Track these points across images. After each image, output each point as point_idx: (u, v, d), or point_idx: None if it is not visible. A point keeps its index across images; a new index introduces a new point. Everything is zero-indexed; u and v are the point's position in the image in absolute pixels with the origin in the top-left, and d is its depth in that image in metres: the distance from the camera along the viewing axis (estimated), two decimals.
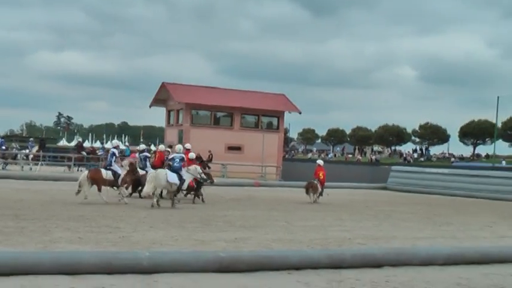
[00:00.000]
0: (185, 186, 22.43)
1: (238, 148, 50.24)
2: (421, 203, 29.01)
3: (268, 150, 49.61)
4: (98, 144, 74.52)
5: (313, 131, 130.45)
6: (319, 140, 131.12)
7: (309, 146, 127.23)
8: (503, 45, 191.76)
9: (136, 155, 26.96)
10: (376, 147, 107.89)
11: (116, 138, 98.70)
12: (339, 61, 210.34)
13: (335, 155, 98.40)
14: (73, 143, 74.91)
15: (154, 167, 25.67)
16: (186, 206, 21.84)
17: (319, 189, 26.87)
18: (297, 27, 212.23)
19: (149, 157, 25.79)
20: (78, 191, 21.31)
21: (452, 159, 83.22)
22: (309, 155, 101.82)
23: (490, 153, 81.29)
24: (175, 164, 21.82)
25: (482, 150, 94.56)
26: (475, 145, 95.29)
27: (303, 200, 26.59)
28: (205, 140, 45.18)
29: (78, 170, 44.40)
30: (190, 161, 23.94)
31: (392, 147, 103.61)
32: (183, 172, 21.98)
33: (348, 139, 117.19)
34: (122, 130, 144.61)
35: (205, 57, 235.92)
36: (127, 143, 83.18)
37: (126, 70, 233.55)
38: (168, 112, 54.07)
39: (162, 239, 13.34)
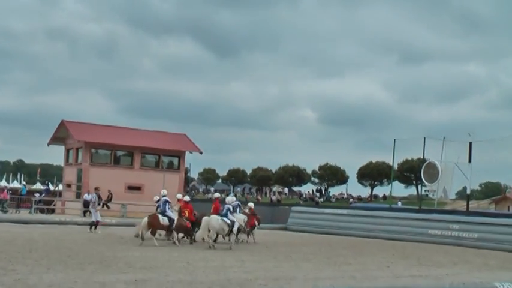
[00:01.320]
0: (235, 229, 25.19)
1: (138, 188, 49.73)
2: (321, 243, 29.34)
3: (169, 190, 49.13)
4: None
5: (214, 170, 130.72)
6: (220, 180, 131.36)
7: (210, 186, 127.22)
8: (399, 90, 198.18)
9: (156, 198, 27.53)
10: (275, 188, 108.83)
11: (11, 176, 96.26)
12: (241, 102, 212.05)
13: (235, 195, 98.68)
14: None
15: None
16: (85, 248, 21.39)
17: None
18: (200, 67, 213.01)
19: (169, 202, 26.83)
20: (138, 235, 24.24)
21: (351, 199, 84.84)
22: (210, 194, 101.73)
23: (387, 194, 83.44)
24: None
25: (380, 191, 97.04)
26: (372, 186, 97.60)
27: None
28: (105, 180, 44.54)
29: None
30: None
31: (292, 187, 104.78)
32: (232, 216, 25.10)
33: (249, 179, 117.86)
34: (18, 168, 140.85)
35: (106, 95, 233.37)
36: (24, 182, 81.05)
37: (23, 107, 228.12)
38: (67, 151, 53.11)
39: (60, 281, 12.98)
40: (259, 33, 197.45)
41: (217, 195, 31.77)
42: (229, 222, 24.86)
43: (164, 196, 26.69)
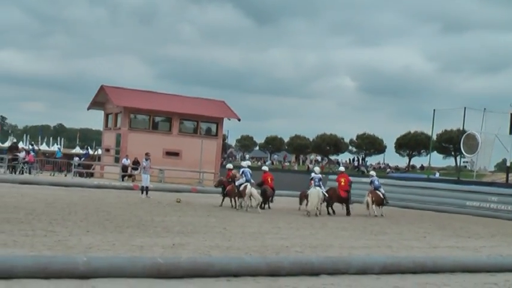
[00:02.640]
0: None
1: (176, 153, 50.01)
2: (357, 212, 29.27)
3: (206, 156, 49.50)
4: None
5: (252, 138, 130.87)
6: (257, 148, 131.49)
7: (247, 153, 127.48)
8: (441, 59, 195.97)
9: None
10: (312, 156, 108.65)
11: (51, 140, 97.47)
12: (279, 70, 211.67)
13: (272, 163, 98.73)
14: (7, 144, 73.40)
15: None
16: (123, 212, 21.66)
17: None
18: (239, 34, 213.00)
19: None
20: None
21: (388, 169, 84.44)
22: (244, 162, 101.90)
23: (425, 164, 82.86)
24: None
25: (417, 161, 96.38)
26: (410, 156, 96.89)
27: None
28: (143, 145, 44.84)
29: (11, 172, 43.70)
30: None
31: (330, 156, 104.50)
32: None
33: (286, 147, 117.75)
34: (58, 132, 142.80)
35: (145, 61, 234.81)
36: (58, 146, 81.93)
37: (64, 71, 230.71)
38: (106, 115, 53.52)
39: (99, 243, 13.18)
40: (298, 0, 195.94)
41: (266, 168, 32.01)
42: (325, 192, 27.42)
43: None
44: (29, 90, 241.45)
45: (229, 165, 30.54)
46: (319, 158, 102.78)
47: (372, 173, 32.66)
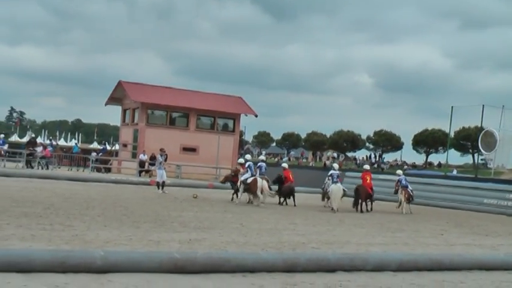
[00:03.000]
0: None
1: (193, 149, 50.14)
2: (374, 209, 29.21)
3: (223, 152, 49.58)
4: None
5: (268, 134, 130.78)
6: (274, 144, 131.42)
7: (264, 149, 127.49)
8: (458, 56, 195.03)
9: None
10: (329, 153, 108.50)
11: (69, 135, 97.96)
12: (296, 66, 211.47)
13: (289, 159, 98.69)
14: (25, 139, 73.80)
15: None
16: (140, 207, 21.74)
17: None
18: (257, 30, 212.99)
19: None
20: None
21: (405, 166, 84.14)
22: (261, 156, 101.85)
23: (442, 161, 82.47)
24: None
25: (435, 158, 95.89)
26: (427, 153, 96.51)
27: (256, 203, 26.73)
28: (160, 140, 44.95)
29: (28, 167, 43.94)
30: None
31: (346, 153, 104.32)
32: None
33: (303, 143, 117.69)
34: (76, 127, 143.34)
35: (163, 57, 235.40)
36: (75, 141, 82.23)
37: (82, 67, 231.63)
38: (124, 111, 53.72)
39: (116, 238, 13.23)
40: None
41: (285, 165, 32.35)
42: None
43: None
44: (47, 86, 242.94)
45: (241, 160, 30.55)
46: (335, 154, 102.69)
47: (399, 172, 32.78)
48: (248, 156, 30.52)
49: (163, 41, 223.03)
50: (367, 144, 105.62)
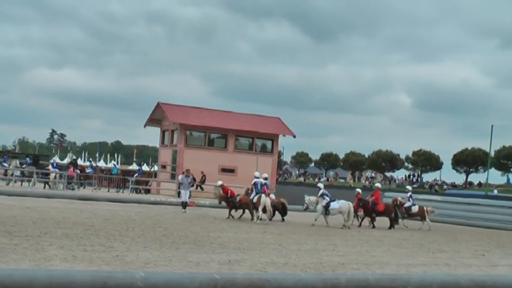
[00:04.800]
0: None
1: (231, 170, 50.20)
2: (413, 230, 29.00)
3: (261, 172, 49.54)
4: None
5: (307, 154, 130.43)
6: (312, 164, 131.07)
7: (302, 170, 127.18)
8: (499, 75, 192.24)
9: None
10: (368, 173, 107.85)
11: (108, 156, 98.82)
12: (335, 86, 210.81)
13: (328, 179, 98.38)
14: (66, 161, 74.59)
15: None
16: (179, 228, 21.83)
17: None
18: (296, 51, 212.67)
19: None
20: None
21: (445, 186, 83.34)
22: (300, 178, 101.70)
23: (483, 181, 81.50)
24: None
25: (475, 178, 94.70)
26: (467, 173, 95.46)
27: (295, 223, 26.66)
28: (198, 161, 45.21)
29: (67, 188, 44.35)
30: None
31: (385, 173, 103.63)
32: None
33: (341, 164, 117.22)
34: (115, 149, 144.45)
35: (201, 78, 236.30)
36: (114, 162, 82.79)
37: (122, 89, 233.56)
38: (163, 132, 54.07)
39: (156, 259, 13.30)
40: (357, 16, 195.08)
41: (378, 185, 33.12)
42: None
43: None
44: (87, 108, 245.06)
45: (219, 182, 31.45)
46: (373, 174, 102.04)
47: (408, 187, 33.91)
48: (257, 173, 30.54)
49: (201, 62, 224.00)
50: (405, 164, 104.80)
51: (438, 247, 21.60)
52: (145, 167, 68.05)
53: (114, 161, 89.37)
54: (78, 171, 47.09)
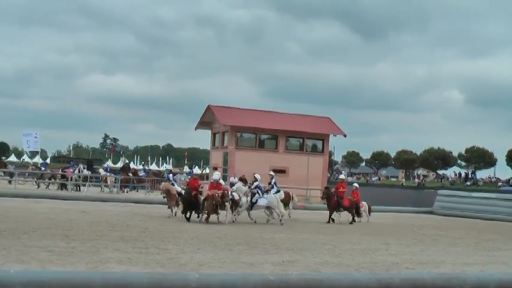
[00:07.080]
0: None
1: (283, 171, 50.11)
2: (468, 228, 28.65)
3: (312, 173, 49.43)
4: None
5: (358, 154, 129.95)
6: (363, 163, 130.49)
7: (353, 169, 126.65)
8: None
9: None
10: (420, 171, 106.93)
11: (160, 159, 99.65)
12: (385, 84, 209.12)
13: (379, 178, 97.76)
14: (119, 165, 75.50)
15: None
16: (232, 229, 21.92)
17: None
18: (345, 50, 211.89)
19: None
20: None
21: (500, 183, 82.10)
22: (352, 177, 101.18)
23: None
24: None
25: None
26: None
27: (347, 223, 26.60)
28: (249, 163, 45.21)
29: (123, 191, 44.91)
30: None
31: (437, 171, 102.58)
32: None
33: (393, 162, 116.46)
34: (167, 152, 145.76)
35: (251, 79, 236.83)
36: (166, 165, 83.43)
37: (173, 92, 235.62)
38: (213, 135, 54.26)
39: (210, 261, 13.39)
40: (407, 13, 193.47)
41: (342, 177, 32.76)
42: None
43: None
44: (139, 112, 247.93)
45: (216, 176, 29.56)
46: (425, 172, 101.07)
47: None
48: (258, 176, 29.91)
49: (251, 64, 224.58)
50: (458, 161, 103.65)
51: (494, 245, 21.31)
52: (196, 170, 68.49)
53: (166, 164, 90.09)
54: (131, 175, 47.61)
